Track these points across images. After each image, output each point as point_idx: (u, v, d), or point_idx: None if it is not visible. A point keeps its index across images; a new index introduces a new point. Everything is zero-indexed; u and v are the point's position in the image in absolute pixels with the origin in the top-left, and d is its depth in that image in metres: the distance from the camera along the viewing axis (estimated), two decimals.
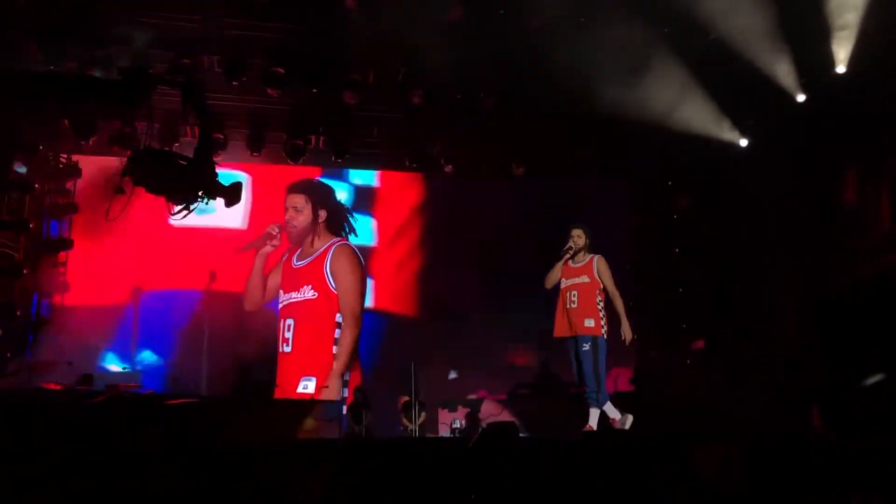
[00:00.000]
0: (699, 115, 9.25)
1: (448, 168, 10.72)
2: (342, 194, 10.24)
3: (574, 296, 6.30)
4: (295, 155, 10.04)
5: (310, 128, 10.20)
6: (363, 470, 3.34)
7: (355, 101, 9.39)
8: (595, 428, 6.07)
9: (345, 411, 7.89)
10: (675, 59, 8.61)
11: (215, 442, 3.43)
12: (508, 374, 9.82)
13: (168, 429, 3.39)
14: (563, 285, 6.43)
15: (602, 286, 6.29)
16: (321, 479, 3.33)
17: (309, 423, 7.54)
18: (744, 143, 9.75)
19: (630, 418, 6.07)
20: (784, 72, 8.50)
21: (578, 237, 6.42)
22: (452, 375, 10.32)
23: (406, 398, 8.10)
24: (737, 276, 10.04)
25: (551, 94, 8.99)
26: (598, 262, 6.34)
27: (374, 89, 9.49)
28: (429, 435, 8.39)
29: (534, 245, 9.30)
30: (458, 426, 8.69)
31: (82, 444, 3.13)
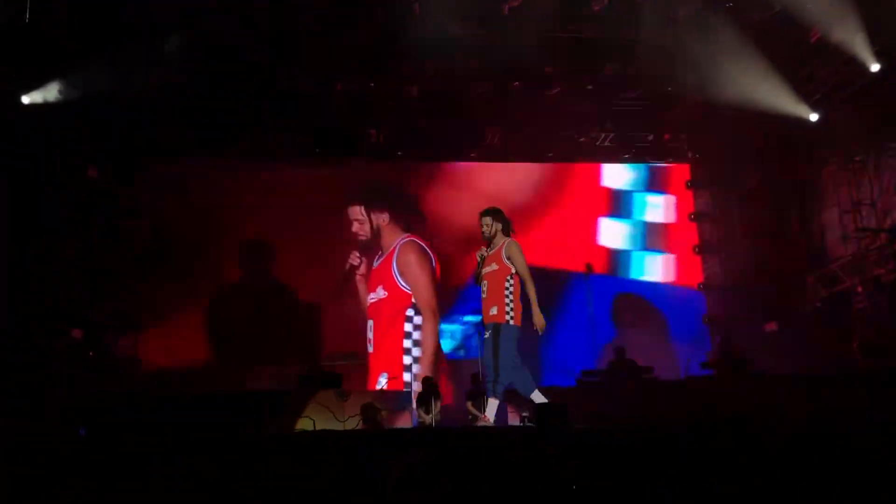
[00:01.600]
0: (766, 90, 9.00)
1: None
2: None
3: (485, 286, 6.06)
4: None
5: None
6: (432, 458, 3.37)
7: None
8: (491, 420, 5.80)
9: (414, 402, 8.02)
10: (740, 32, 8.42)
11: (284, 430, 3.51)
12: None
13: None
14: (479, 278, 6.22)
15: (513, 271, 5.99)
16: (393, 467, 3.38)
17: (381, 413, 7.64)
18: (814, 117, 9.42)
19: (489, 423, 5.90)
20: (856, 40, 8.19)
21: (487, 225, 6.17)
22: None
23: (472, 388, 8.13)
24: (806, 255, 9.75)
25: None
26: (508, 247, 5.98)
27: None
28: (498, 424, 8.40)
29: None
30: (527, 415, 8.65)
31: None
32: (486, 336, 5.74)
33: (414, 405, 7.98)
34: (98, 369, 8.94)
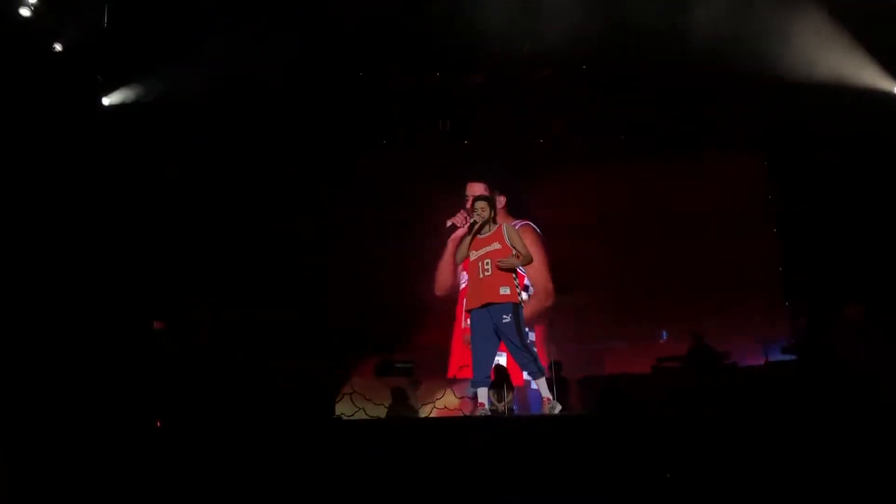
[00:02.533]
0: (844, 63, 8.64)
1: None
2: None
3: (487, 264, 6.00)
4: None
5: None
6: (502, 445, 3.37)
7: None
8: (552, 399, 5.78)
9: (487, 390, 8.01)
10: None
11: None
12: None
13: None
14: (472, 258, 6.14)
15: (514, 252, 5.97)
16: (461, 453, 3.39)
17: (450, 400, 7.72)
18: None
19: (559, 407, 5.78)
20: None
21: (483, 210, 6.16)
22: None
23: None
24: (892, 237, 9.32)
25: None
26: (508, 229, 6.02)
27: None
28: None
29: None
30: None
31: None
32: (506, 320, 5.78)
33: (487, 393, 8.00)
34: (180, 361, 9.21)
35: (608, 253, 10.64)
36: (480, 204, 6.15)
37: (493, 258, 5.92)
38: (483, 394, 5.82)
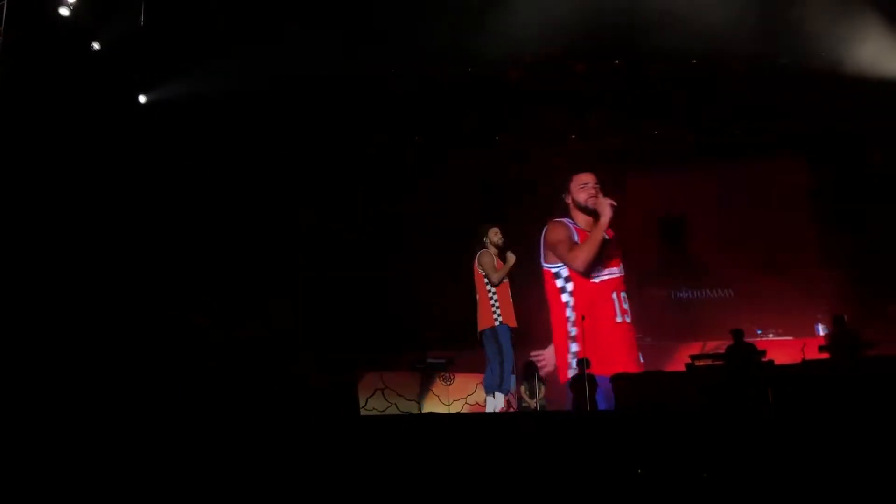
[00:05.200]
0: (885, 55, 8.47)
1: None
2: None
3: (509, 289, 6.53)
4: None
5: None
6: (534, 441, 3.36)
7: None
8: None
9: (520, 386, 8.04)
10: None
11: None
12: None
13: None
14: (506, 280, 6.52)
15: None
16: (495, 449, 3.39)
17: (481, 396, 7.72)
18: None
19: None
20: None
21: (500, 234, 6.69)
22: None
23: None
24: None
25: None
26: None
27: None
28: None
29: None
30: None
31: None
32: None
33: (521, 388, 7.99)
34: (225, 358, 9.30)
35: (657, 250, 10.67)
36: (495, 229, 6.58)
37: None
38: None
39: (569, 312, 6.30)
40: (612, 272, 6.32)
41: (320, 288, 10.41)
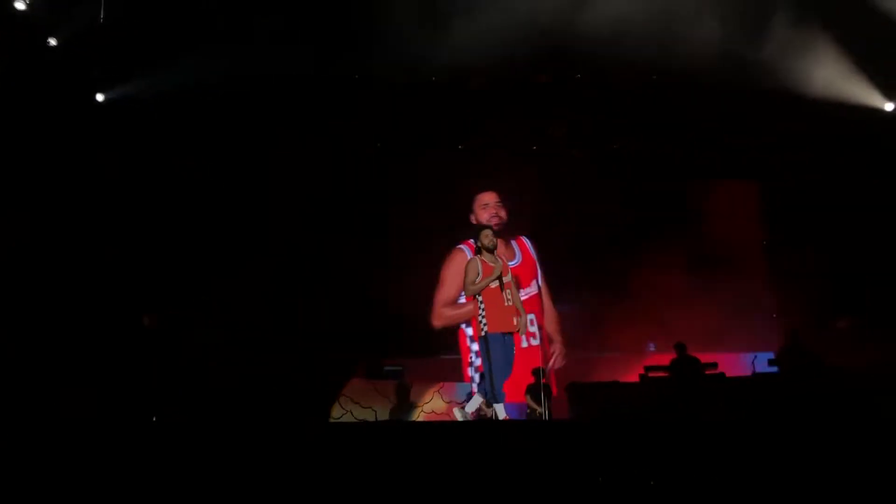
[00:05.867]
0: (838, 78, 8.71)
1: None
2: None
3: (509, 294, 6.29)
4: None
5: None
6: (489, 450, 3.38)
7: None
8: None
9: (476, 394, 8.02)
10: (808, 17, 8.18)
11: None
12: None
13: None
14: (493, 285, 6.36)
15: None
16: (450, 459, 3.39)
17: (438, 404, 7.71)
18: (889, 107, 9.07)
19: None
20: None
21: (490, 237, 6.60)
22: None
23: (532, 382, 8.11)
24: (886, 251, 9.39)
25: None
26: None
27: None
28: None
29: None
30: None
31: None
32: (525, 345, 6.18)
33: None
34: (170, 357, 9.17)
35: (600, 264, 10.68)
36: (487, 232, 6.40)
37: (512, 289, 6.20)
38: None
39: (469, 330, 6.24)
40: (527, 292, 6.20)
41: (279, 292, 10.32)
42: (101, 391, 6.38)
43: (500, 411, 6.04)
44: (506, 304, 6.21)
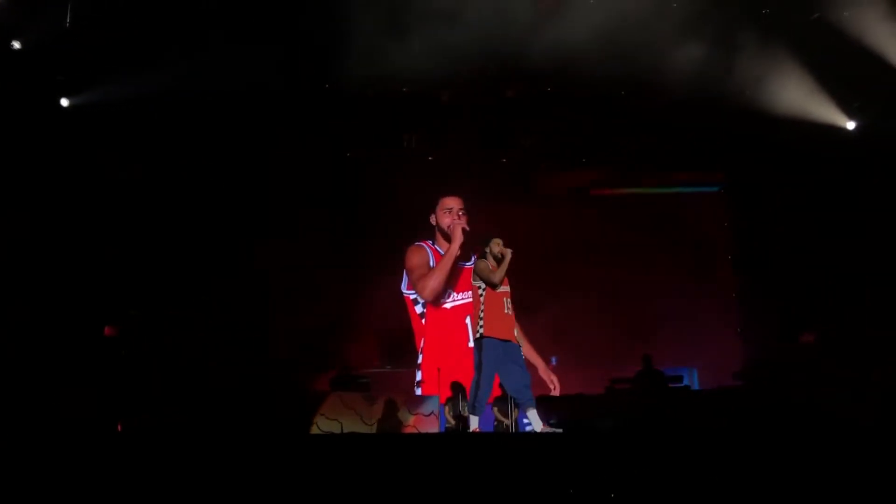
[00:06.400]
0: (801, 97, 8.87)
1: None
2: None
3: (509, 302, 6.23)
4: None
5: None
6: (457, 464, 3.36)
7: None
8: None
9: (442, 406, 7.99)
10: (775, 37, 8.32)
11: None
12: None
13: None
14: (499, 290, 6.32)
15: None
16: (414, 472, 3.37)
17: (406, 417, 7.66)
18: (850, 125, 9.27)
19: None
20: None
21: (501, 245, 6.50)
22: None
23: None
24: (847, 267, 9.57)
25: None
26: None
27: None
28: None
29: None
30: (555, 422, 8.61)
31: None
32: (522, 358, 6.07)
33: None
34: (132, 367, 9.03)
35: (565, 276, 10.75)
36: (497, 239, 6.35)
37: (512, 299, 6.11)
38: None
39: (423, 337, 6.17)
40: (465, 297, 6.13)
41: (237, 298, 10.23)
42: (76, 395, 6.27)
43: (474, 423, 5.96)
44: (506, 311, 6.13)
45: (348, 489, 3.27)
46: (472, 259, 6.16)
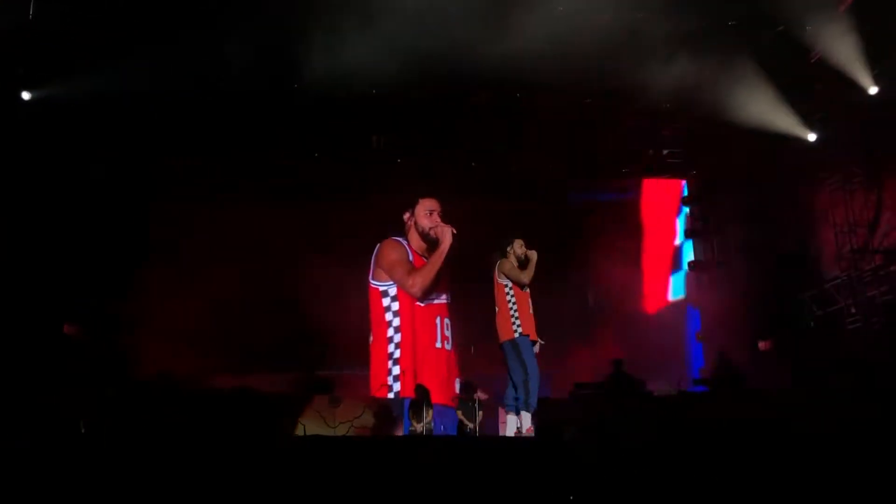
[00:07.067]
0: (764, 109, 9.03)
1: None
2: None
3: (531, 303, 6.48)
4: None
5: None
6: (419, 467, 3.35)
7: None
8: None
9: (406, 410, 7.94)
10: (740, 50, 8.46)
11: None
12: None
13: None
14: (526, 290, 6.52)
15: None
16: (377, 474, 3.36)
17: (368, 419, 7.62)
18: (811, 137, 9.46)
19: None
20: (855, 63, 8.24)
21: (524, 246, 6.72)
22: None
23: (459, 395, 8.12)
24: (806, 276, 9.75)
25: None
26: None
27: None
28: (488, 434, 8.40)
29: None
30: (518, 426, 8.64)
31: None
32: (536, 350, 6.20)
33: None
34: (93, 366, 8.88)
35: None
36: (520, 241, 6.46)
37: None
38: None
39: (391, 332, 6.16)
40: (439, 297, 6.17)
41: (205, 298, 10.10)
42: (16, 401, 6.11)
43: (527, 420, 5.98)
44: (530, 310, 6.28)
45: (310, 492, 3.25)
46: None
